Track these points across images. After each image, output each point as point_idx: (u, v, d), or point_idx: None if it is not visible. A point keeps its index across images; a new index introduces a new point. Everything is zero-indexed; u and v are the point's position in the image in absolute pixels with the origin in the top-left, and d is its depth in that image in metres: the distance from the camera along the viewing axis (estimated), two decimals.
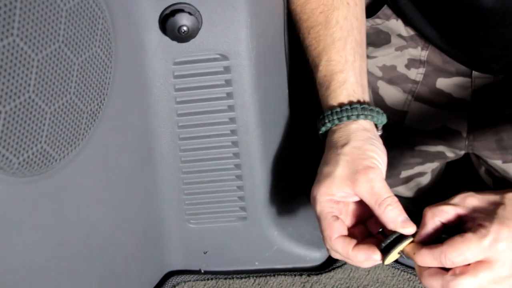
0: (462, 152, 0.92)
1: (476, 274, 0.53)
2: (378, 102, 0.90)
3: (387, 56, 0.88)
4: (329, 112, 0.66)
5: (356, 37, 0.68)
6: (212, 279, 0.79)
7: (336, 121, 0.65)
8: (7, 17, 0.42)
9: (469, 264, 0.54)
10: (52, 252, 0.54)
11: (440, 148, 0.92)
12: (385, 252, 0.58)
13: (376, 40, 0.88)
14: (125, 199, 0.65)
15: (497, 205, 0.55)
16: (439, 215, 0.57)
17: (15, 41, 0.43)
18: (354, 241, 0.59)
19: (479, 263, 0.53)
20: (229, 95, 0.66)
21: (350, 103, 0.65)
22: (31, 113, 0.46)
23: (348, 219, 0.63)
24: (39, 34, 0.45)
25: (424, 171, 0.94)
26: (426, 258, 0.55)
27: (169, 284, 0.77)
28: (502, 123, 0.86)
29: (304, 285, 0.78)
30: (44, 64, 0.47)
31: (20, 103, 0.45)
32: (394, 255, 0.59)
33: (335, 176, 0.61)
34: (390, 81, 0.89)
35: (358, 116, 0.64)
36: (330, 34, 0.68)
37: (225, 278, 0.79)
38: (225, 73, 0.65)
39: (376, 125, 0.68)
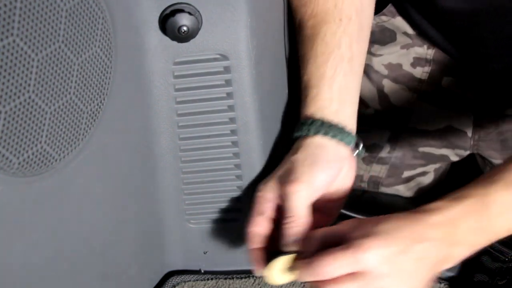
0: (467, 153, 0.92)
1: (345, 284, 0.54)
2: (383, 100, 0.90)
3: (392, 54, 0.88)
4: (298, 124, 0.67)
5: (344, 53, 0.68)
6: (212, 279, 0.79)
7: (297, 133, 0.66)
8: (7, 17, 0.42)
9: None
10: (52, 252, 0.54)
11: (444, 151, 0.92)
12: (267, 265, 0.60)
13: (381, 38, 0.88)
14: (125, 199, 0.65)
15: (372, 223, 0.56)
16: (318, 234, 0.58)
17: (15, 41, 0.43)
18: (260, 243, 0.62)
19: (350, 274, 0.54)
20: (229, 95, 0.66)
21: (313, 118, 0.66)
22: (31, 113, 0.46)
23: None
24: (39, 34, 0.45)
25: (427, 171, 0.94)
26: (301, 271, 0.56)
27: (169, 284, 0.77)
28: (507, 123, 0.86)
29: (304, 285, 0.78)
30: (44, 64, 0.47)
31: (20, 103, 0.45)
32: (279, 273, 0.60)
33: (273, 176, 0.64)
34: (396, 80, 0.89)
35: (316, 132, 0.65)
36: (314, 48, 0.69)
37: (225, 278, 0.79)
38: (225, 73, 0.65)
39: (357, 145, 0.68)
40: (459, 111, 0.89)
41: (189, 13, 0.60)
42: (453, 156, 0.92)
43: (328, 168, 0.63)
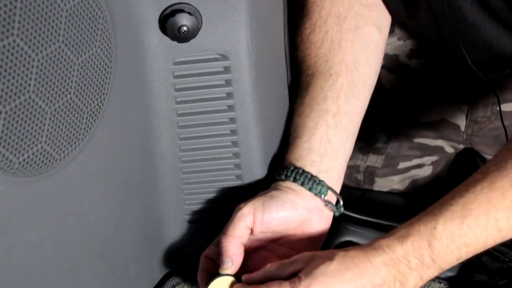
0: (461, 146, 0.93)
1: None
2: (379, 90, 0.91)
3: (390, 45, 0.89)
4: (279, 167, 0.70)
5: (329, 107, 0.70)
6: None
7: (276, 176, 0.69)
8: (7, 17, 0.42)
9: None
10: (52, 252, 0.54)
11: (439, 142, 0.92)
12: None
13: None
14: (125, 199, 0.65)
15: (323, 260, 0.57)
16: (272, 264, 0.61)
17: (15, 41, 0.43)
18: (207, 266, 0.65)
19: None
20: (229, 95, 0.66)
21: (288, 164, 0.69)
22: (31, 113, 0.46)
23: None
24: (39, 34, 0.45)
25: (423, 163, 0.95)
26: None
27: (169, 284, 0.77)
28: (501, 119, 0.86)
29: None
30: (44, 64, 0.47)
31: (20, 103, 0.45)
32: None
33: None
34: (392, 71, 0.90)
35: (286, 177, 0.67)
36: (303, 99, 0.72)
37: None
38: (225, 73, 0.65)
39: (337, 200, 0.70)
40: (453, 105, 0.90)
41: (189, 13, 0.60)
42: (448, 147, 0.93)
43: (290, 209, 0.65)
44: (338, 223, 0.72)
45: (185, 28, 0.60)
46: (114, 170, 0.61)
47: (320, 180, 0.67)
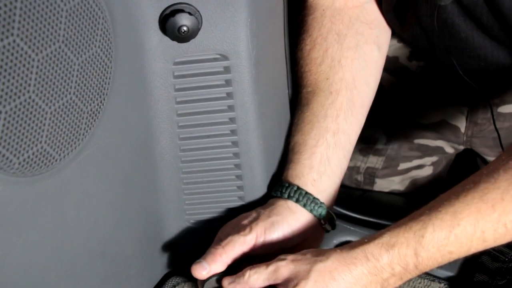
0: (461, 147, 0.93)
1: None
2: (379, 92, 0.91)
3: (390, 47, 0.89)
4: (278, 184, 0.70)
5: (329, 125, 0.70)
6: None
7: (274, 193, 0.69)
8: (7, 17, 0.42)
9: None
10: (52, 252, 0.54)
11: (439, 143, 0.93)
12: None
13: None
14: (125, 199, 0.65)
15: (299, 280, 0.58)
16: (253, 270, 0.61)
17: (15, 41, 0.43)
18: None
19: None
20: (229, 95, 0.66)
21: (290, 183, 0.69)
22: (31, 113, 0.46)
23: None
24: (39, 34, 0.45)
25: (423, 164, 0.95)
26: (230, 283, 0.61)
27: (169, 284, 0.77)
28: (500, 121, 0.86)
29: None
30: (44, 64, 0.47)
31: (20, 103, 0.45)
32: None
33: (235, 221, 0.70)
34: (392, 72, 0.90)
35: (288, 196, 0.67)
36: (303, 116, 0.72)
37: None
38: (225, 73, 0.65)
39: (328, 221, 0.70)
40: (453, 107, 0.90)
41: (189, 13, 0.60)
42: (449, 148, 0.93)
43: (290, 233, 0.66)
44: (338, 223, 0.72)
45: (185, 28, 0.60)
46: (114, 170, 0.61)
47: (321, 203, 0.68)
